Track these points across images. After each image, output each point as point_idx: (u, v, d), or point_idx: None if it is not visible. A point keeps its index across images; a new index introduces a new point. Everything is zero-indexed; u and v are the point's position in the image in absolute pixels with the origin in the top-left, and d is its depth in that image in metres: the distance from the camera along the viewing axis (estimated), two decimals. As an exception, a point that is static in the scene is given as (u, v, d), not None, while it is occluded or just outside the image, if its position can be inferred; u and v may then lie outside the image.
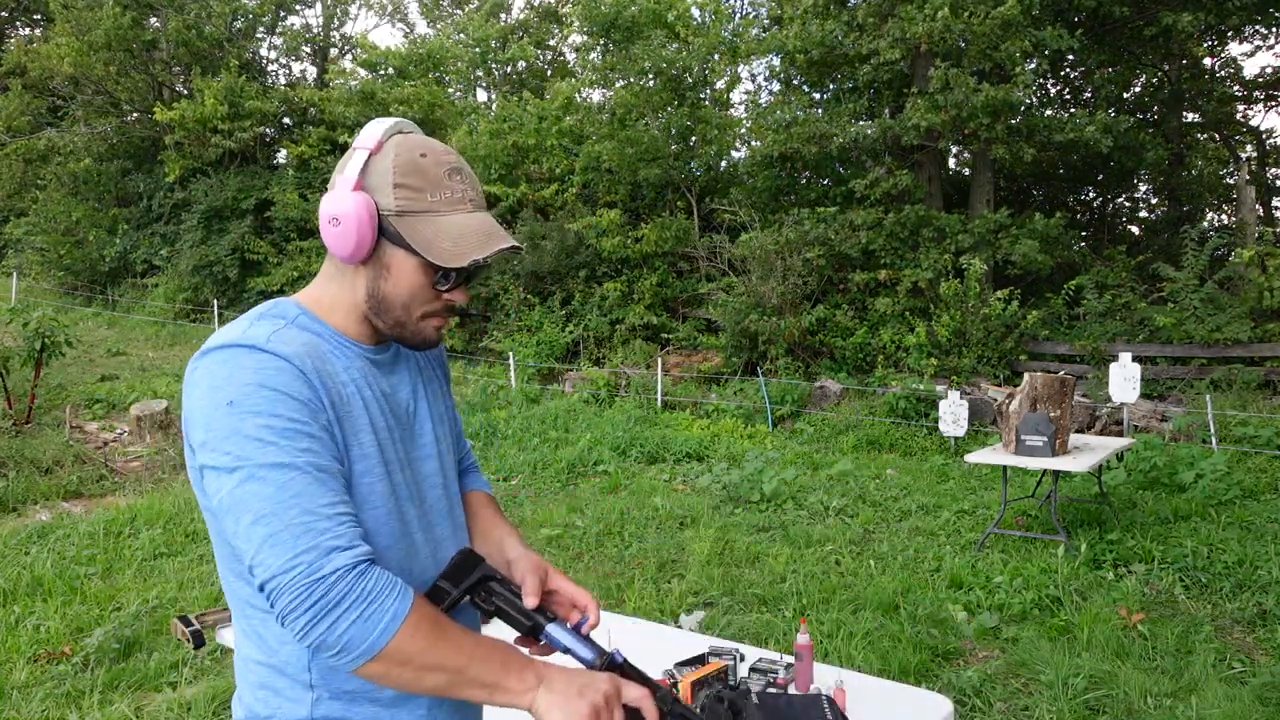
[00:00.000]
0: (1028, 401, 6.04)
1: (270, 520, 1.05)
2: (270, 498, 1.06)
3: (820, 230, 12.41)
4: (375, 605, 1.05)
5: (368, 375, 1.25)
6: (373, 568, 1.07)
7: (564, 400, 12.54)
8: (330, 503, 1.08)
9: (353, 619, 1.03)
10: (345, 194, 1.18)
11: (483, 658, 1.11)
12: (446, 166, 1.21)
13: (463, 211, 1.21)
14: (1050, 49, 11.80)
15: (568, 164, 16.44)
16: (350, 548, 1.07)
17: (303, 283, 17.29)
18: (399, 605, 1.06)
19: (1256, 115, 21.13)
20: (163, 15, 19.87)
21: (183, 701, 3.94)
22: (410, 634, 1.06)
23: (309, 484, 1.08)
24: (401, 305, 1.23)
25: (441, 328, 1.29)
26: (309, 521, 1.05)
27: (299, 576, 1.03)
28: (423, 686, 1.10)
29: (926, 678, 4.07)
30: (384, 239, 1.20)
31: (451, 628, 1.12)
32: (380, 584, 1.06)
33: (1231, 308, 10.46)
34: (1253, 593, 5.01)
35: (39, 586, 5.45)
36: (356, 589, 1.04)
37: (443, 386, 1.44)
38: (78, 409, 11.06)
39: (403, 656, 1.06)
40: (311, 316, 1.25)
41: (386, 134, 1.22)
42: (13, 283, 20.72)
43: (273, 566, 1.04)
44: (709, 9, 16.97)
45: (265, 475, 1.06)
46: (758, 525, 6.81)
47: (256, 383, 1.09)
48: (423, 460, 1.32)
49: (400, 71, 19.45)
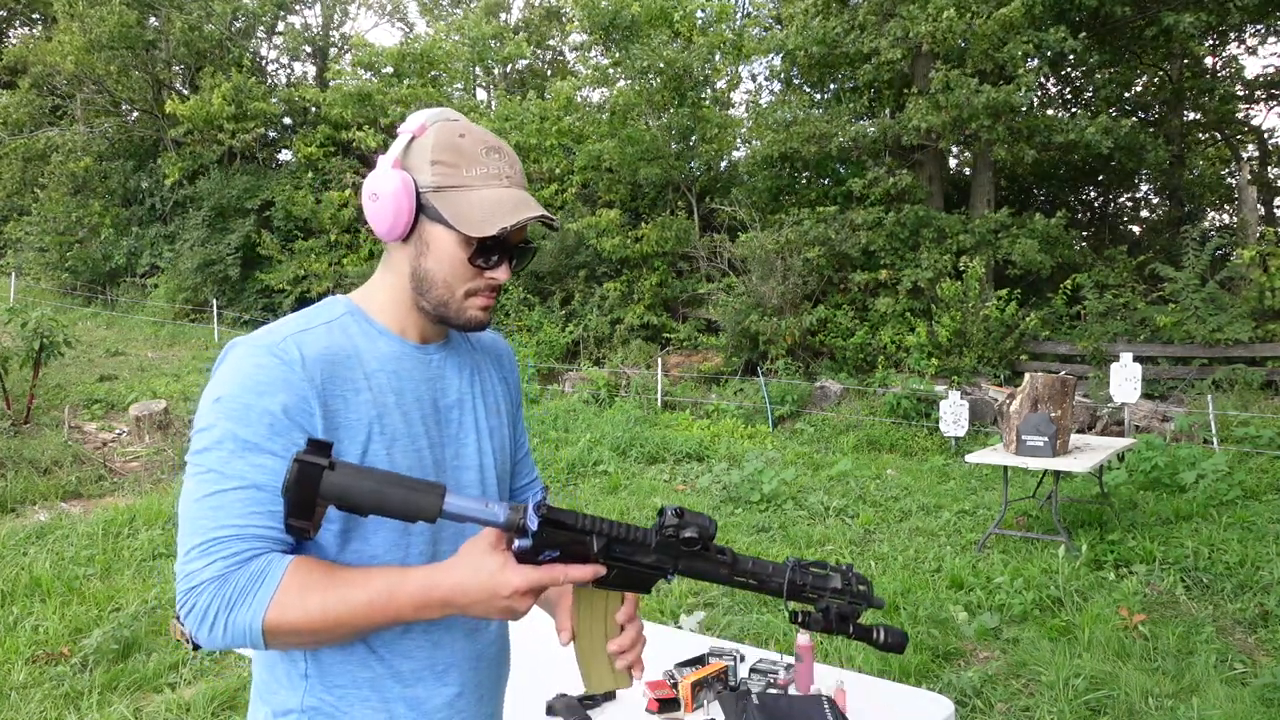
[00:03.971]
0: (1028, 402, 6.02)
1: (184, 523, 1.12)
2: (194, 498, 1.11)
3: (820, 230, 12.41)
4: (236, 609, 1.07)
5: (409, 372, 1.26)
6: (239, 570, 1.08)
7: (564, 400, 12.53)
8: (247, 523, 1.10)
9: (224, 623, 1.07)
10: (385, 171, 1.22)
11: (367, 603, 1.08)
12: (484, 145, 1.24)
13: (497, 186, 1.23)
14: (1052, 49, 11.79)
15: (567, 164, 16.44)
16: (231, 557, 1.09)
17: (306, 282, 17.31)
18: (257, 601, 1.07)
19: (1258, 115, 21.20)
20: (163, 15, 19.87)
21: (181, 702, 3.93)
22: (280, 613, 1.07)
23: (239, 499, 1.10)
24: (443, 282, 1.24)
25: (487, 308, 1.28)
26: (215, 535, 1.09)
27: (182, 583, 1.09)
28: (334, 639, 1.13)
29: (927, 678, 4.06)
30: (423, 216, 1.23)
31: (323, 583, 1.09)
32: (241, 584, 1.07)
33: (1233, 308, 10.45)
34: (1254, 593, 5.00)
35: (37, 587, 5.43)
36: (219, 595, 1.07)
37: (500, 404, 1.41)
38: (77, 409, 11.05)
39: (288, 630, 1.08)
40: (359, 315, 1.27)
41: (431, 119, 1.25)
42: (11, 282, 20.71)
43: (177, 567, 1.11)
44: (710, 8, 16.97)
45: (203, 480, 1.11)
46: (758, 525, 6.80)
47: (245, 387, 1.13)
48: (461, 469, 1.30)
49: (397, 71, 19.43)
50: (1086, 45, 12.87)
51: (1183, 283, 10.81)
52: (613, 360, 13.68)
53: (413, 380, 1.26)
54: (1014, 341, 11.39)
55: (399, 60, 19.29)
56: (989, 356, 11.34)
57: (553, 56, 24.20)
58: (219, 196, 18.79)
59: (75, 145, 20.74)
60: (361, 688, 1.21)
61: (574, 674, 2.37)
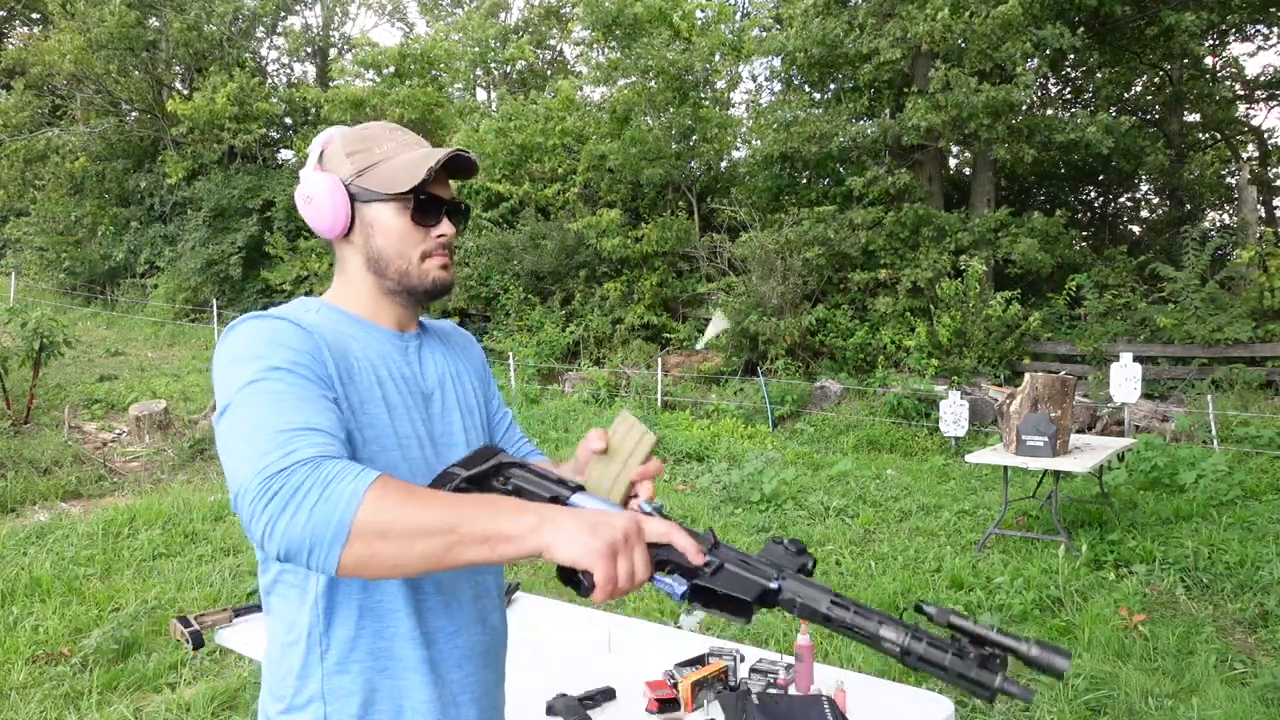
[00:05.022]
0: (1029, 402, 6.02)
1: (245, 443, 1.05)
2: (248, 419, 1.07)
3: (820, 230, 12.41)
4: (335, 484, 0.98)
5: (387, 357, 1.31)
6: (330, 460, 1.02)
7: (564, 400, 12.53)
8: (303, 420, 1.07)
9: (313, 502, 0.97)
10: (310, 175, 1.32)
11: (469, 510, 1.00)
12: (385, 128, 1.35)
13: (410, 150, 1.32)
14: (1051, 48, 11.79)
15: (569, 164, 16.44)
16: (317, 446, 1.04)
17: (307, 282, 17.33)
18: (359, 480, 0.99)
19: (1258, 115, 21.16)
20: (164, 15, 19.87)
21: (181, 702, 3.93)
22: (377, 502, 0.98)
23: (286, 404, 1.08)
24: (396, 253, 1.31)
25: (446, 265, 1.34)
26: (277, 434, 1.04)
27: (259, 476, 1.00)
28: (413, 557, 0.99)
29: (927, 678, 4.06)
30: (357, 204, 1.31)
31: (426, 491, 1.04)
32: (338, 468, 1.00)
33: (1232, 308, 10.45)
34: (1254, 593, 5.00)
35: (37, 587, 5.43)
36: (314, 475, 0.99)
37: (474, 383, 1.47)
38: (76, 409, 11.05)
39: (377, 528, 0.97)
40: (331, 307, 1.33)
41: (334, 131, 1.36)
42: (11, 282, 20.71)
43: (241, 478, 1.02)
44: (711, 9, 16.97)
45: (246, 401, 1.08)
46: (758, 526, 6.80)
47: (264, 339, 1.16)
48: (450, 446, 1.35)
49: (398, 71, 19.44)
50: (1086, 44, 12.88)
51: (1183, 283, 10.81)
52: (613, 360, 13.69)
53: (396, 364, 1.32)
54: (1014, 341, 11.39)
55: (400, 60, 19.29)
56: (989, 356, 11.34)
57: (553, 56, 24.21)
58: (219, 196, 18.80)
59: (75, 146, 20.74)
60: (380, 659, 1.23)
61: (574, 674, 2.36)
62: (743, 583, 1.01)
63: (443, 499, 1.02)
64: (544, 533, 0.99)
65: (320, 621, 1.21)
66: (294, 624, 1.23)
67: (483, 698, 1.34)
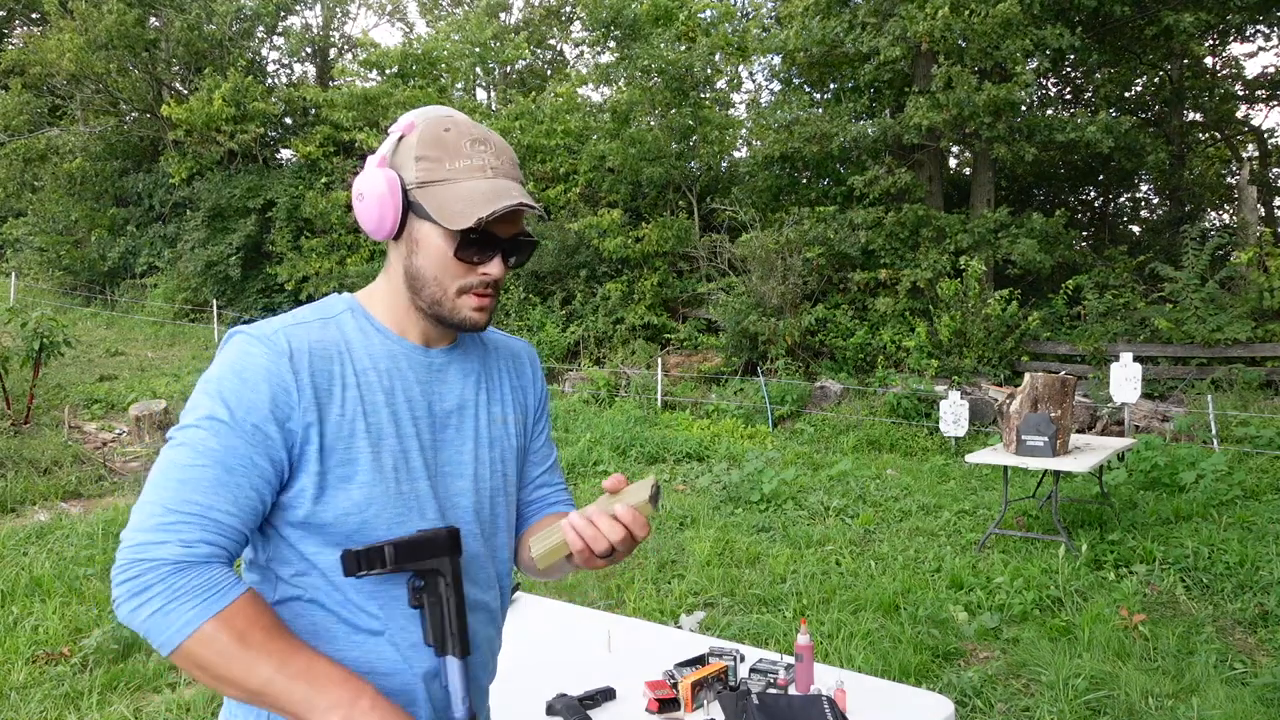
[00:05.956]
0: (1028, 402, 6.02)
1: (147, 493, 1.10)
2: (161, 472, 1.11)
3: (820, 230, 12.41)
4: (176, 605, 1.05)
5: (402, 375, 1.25)
6: (196, 567, 1.07)
7: (564, 400, 12.53)
8: (210, 503, 1.09)
9: (153, 610, 1.05)
10: (371, 170, 1.23)
11: (284, 680, 1.07)
12: (469, 137, 1.22)
13: (480, 178, 1.21)
14: (1051, 48, 11.80)
15: (571, 164, 16.44)
16: (189, 545, 1.07)
17: (309, 283, 17.33)
18: (201, 610, 1.05)
19: (1258, 115, 21.17)
20: (164, 15, 19.87)
21: (181, 702, 3.93)
22: (205, 643, 1.05)
23: (199, 472, 1.10)
24: (434, 279, 1.23)
25: (483, 308, 1.25)
26: (168, 511, 1.08)
27: (129, 551, 1.07)
28: (226, 692, 1.10)
29: (927, 678, 4.06)
30: (411, 213, 1.22)
31: (258, 640, 1.07)
32: (192, 585, 1.06)
33: (1232, 308, 10.46)
34: (1254, 593, 5.00)
35: (37, 587, 5.43)
36: (166, 583, 1.05)
37: (509, 413, 1.38)
38: (76, 409, 11.05)
39: (196, 661, 1.06)
40: (360, 313, 1.26)
41: (421, 116, 1.25)
42: (11, 283, 20.71)
43: (125, 534, 1.09)
44: (712, 9, 16.96)
45: (174, 451, 1.12)
46: (758, 525, 6.79)
47: (235, 369, 1.14)
48: (454, 476, 1.28)
49: (401, 71, 19.44)
50: (1086, 44, 12.88)
51: (1183, 283, 10.81)
52: (613, 360, 13.69)
53: (406, 381, 1.25)
54: (1014, 341, 11.39)
55: (403, 60, 19.30)
56: (989, 356, 11.34)
57: (553, 56, 24.21)
58: (219, 197, 18.80)
59: (74, 146, 20.74)
60: None
61: (574, 674, 2.37)
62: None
63: (268, 655, 1.07)
64: None
65: None
66: None
67: None
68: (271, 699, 1.07)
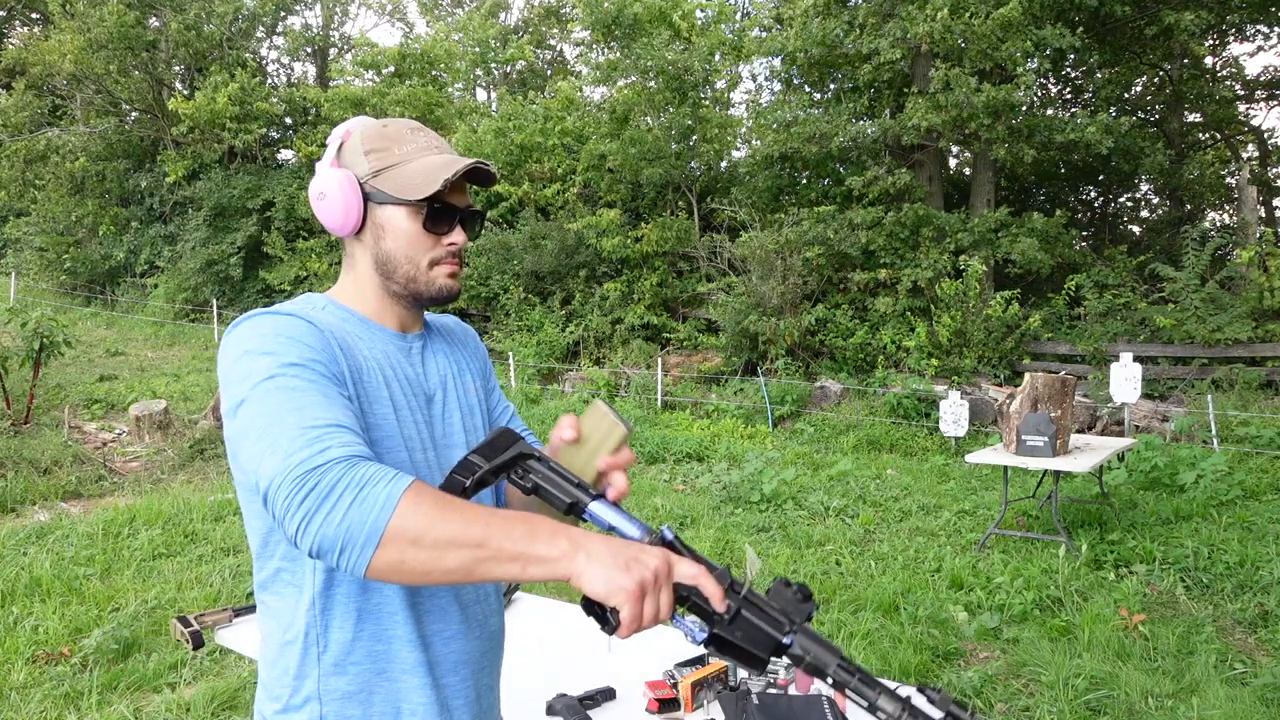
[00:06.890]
0: (1028, 402, 6.02)
1: (269, 433, 1.05)
2: (270, 412, 1.06)
3: (820, 230, 12.41)
4: (370, 487, 0.98)
5: (392, 358, 1.31)
6: (365, 461, 1.03)
7: (564, 400, 12.53)
8: (330, 416, 1.07)
9: (349, 503, 0.97)
10: (326, 170, 1.30)
11: (503, 526, 0.99)
12: (408, 127, 1.32)
13: (432, 154, 1.30)
14: (1051, 48, 11.80)
15: (569, 164, 16.45)
16: (347, 445, 1.04)
17: (307, 283, 17.35)
18: (395, 485, 0.99)
19: (1258, 115, 21.19)
20: (164, 15, 19.88)
21: (181, 702, 3.93)
22: (412, 509, 0.98)
23: (309, 399, 1.08)
24: (405, 257, 1.30)
25: (454, 274, 1.33)
26: (306, 429, 1.04)
27: (294, 470, 1.00)
28: (443, 566, 0.99)
29: (927, 678, 4.06)
30: (370, 204, 1.29)
31: (460, 502, 1.03)
32: (374, 471, 1.01)
33: (1232, 308, 10.46)
34: (1254, 593, 5.00)
35: (37, 587, 5.43)
36: (350, 475, 0.99)
37: (475, 380, 1.46)
38: (76, 409, 11.05)
39: (411, 534, 0.97)
40: (338, 305, 1.33)
41: (354, 123, 1.34)
42: (11, 282, 20.72)
43: (271, 471, 1.02)
44: (711, 9, 16.96)
45: (266, 395, 1.08)
46: (758, 525, 6.80)
47: (273, 333, 1.16)
48: (450, 448, 1.35)
49: (398, 71, 19.46)
50: (1086, 44, 12.88)
51: (1183, 283, 10.81)
52: (613, 360, 13.69)
53: (400, 365, 1.31)
54: (1014, 341, 11.39)
55: (400, 60, 19.30)
56: (989, 356, 11.35)
57: (553, 56, 24.21)
58: (219, 196, 18.81)
59: (75, 146, 20.75)
60: (377, 660, 1.23)
61: (574, 674, 2.36)
62: (759, 636, 1.02)
63: (476, 512, 1.01)
64: (576, 561, 0.98)
65: (318, 622, 1.20)
66: (291, 624, 1.22)
67: (477, 701, 1.34)
68: (495, 548, 0.99)
